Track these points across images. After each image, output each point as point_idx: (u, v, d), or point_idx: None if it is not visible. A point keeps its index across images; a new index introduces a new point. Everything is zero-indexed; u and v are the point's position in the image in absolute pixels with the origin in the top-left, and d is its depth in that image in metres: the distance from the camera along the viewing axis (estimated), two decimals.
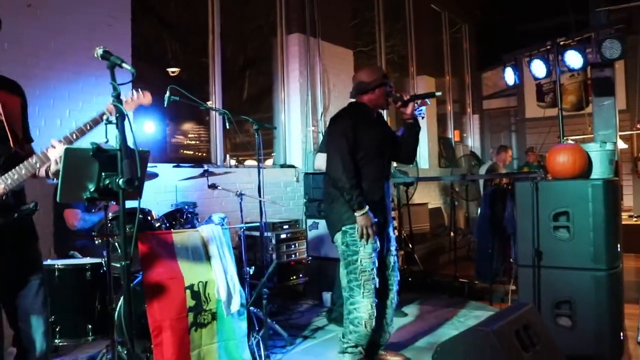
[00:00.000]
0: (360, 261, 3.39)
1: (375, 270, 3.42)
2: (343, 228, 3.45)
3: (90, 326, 3.23)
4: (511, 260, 5.56)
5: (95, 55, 2.07)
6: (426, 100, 3.78)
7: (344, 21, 7.99)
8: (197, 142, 6.76)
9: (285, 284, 5.48)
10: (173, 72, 6.51)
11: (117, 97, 1.87)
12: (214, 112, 6.00)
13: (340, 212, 3.45)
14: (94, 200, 1.93)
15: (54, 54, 4.34)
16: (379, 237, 3.47)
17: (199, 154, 6.62)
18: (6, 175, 2.24)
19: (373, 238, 3.35)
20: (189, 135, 6.87)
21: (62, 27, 4.43)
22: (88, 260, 3.43)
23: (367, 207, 3.33)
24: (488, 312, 4.75)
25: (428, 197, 9.41)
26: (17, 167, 2.25)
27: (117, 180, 1.81)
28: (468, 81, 12.32)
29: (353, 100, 3.68)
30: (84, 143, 2.20)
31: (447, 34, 11.47)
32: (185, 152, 6.80)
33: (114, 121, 1.92)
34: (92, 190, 1.89)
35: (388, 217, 3.64)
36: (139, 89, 2.59)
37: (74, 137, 2.29)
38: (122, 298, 3.28)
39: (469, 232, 9.07)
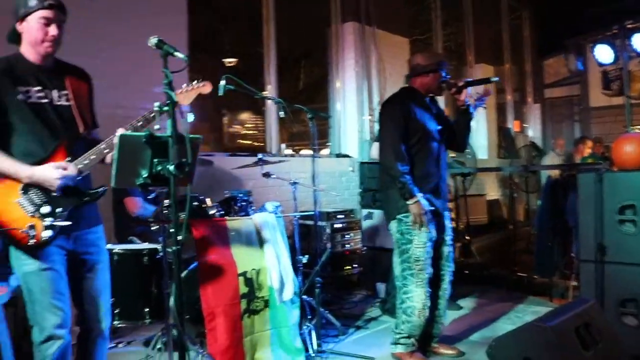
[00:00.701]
0: (414, 250, 3.34)
1: (429, 259, 3.36)
2: (398, 216, 3.41)
3: (147, 309, 3.34)
4: (572, 254, 5.35)
5: (150, 44, 2.09)
6: (489, 89, 3.70)
7: (400, 9, 7.88)
8: (255, 131, 6.82)
9: (340, 273, 5.47)
10: (230, 63, 6.59)
11: (169, 84, 1.89)
12: (269, 101, 6.04)
13: (396, 200, 3.40)
14: (147, 186, 1.97)
15: (112, 45, 4.46)
16: (434, 225, 3.41)
17: (256, 143, 6.67)
18: (77, 160, 2.33)
19: (427, 226, 3.29)
20: (246, 125, 6.94)
21: (121, 19, 4.55)
22: (145, 245, 3.52)
23: (419, 195, 3.27)
24: (547, 308, 4.58)
25: (486, 188, 9.20)
26: (87, 153, 2.34)
27: (167, 166, 1.84)
28: (528, 69, 11.92)
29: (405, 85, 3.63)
30: None
31: (506, 20, 11.11)
32: (242, 141, 6.88)
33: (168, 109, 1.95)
34: (144, 176, 1.93)
35: (445, 205, 3.56)
36: (199, 79, 2.62)
37: (139, 125, 2.36)
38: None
39: (528, 224, 8.80)
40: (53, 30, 2.33)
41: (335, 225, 5.49)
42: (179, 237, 3.45)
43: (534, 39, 11.97)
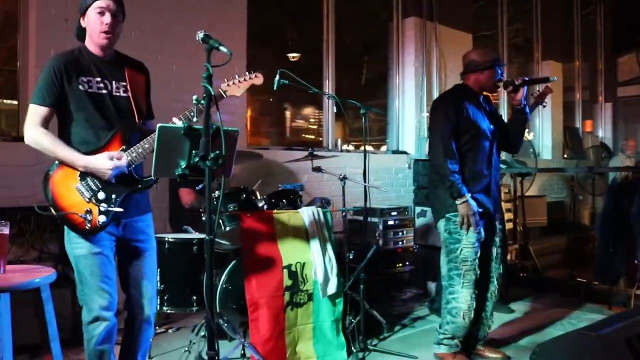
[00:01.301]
0: (462, 250, 3.29)
1: (476, 260, 3.30)
2: (446, 215, 3.37)
3: (194, 297, 3.44)
4: (635, 261, 5.10)
5: (197, 39, 2.17)
6: (549, 86, 3.60)
7: (463, 4, 7.71)
8: (318, 126, 6.86)
9: (391, 270, 5.42)
10: (293, 58, 6.65)
11: (208, 78, 1.94)
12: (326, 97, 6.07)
13: (444, 199, 3.35)
14: (186, 177, 2.03)
15: (174, 41, 4.60)
16: (483, 227, 3.34)
17: (320, 138, 6.71)
18: (132, 149, 2.43)
19: (475, 228, 3.22)
20: (310, 120, 6.99)
21: (182, 16, 4.70)
22: (195, 235, 3.62)
23: (468, 195, 3.21)
24: (604, 316, 4.40)
25: (549, 189, 8.90)
26: (141, 142, 2.43)
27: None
28: (601, 66, 11.36)
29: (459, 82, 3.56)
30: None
31: (578, 15, 10.63)
32: (306, 136, 6.93)
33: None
34: (183, 167, 1.99)
35: (496, 206, 3.48)
36: (252, 70, 2.67)
37: (192, 115, 2.44)
38: (224, 272, 3.45)
39: (592, 228, 8.45)
40: (107, 18, 2.43)
41: (389, 222, 5.44)
42: (228, 228, 3.54)
43: (609, 35, 11.40)
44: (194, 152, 1.97)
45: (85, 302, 2.44)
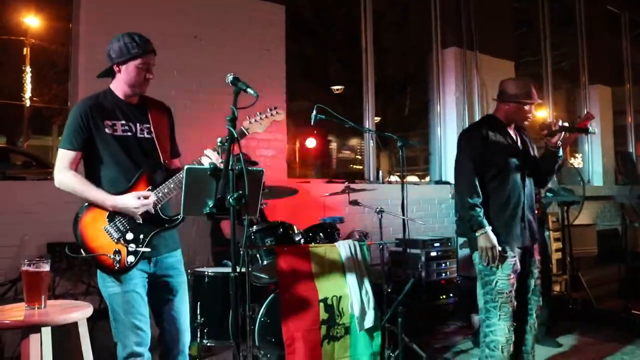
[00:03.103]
0: (497, 282, 3.23)
1: (513, 292, 3.23)
2: None
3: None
4: None
5: (227, 81, 2.26)
6: (589, 112, 3.55)
7: (504, 32, 7.67)
8: (363, 157, 6.92)
9: (434, 302, 5.36)
10: (337, 90, 6.75)
11: (232, 121, 2.02)
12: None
13: None
14: (213, 215, 2.09)
15: (216, 80, 4.71)
16: (520, 259, 3.28)
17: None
18: (158, 188, 2.52)
19: (494, 262, 3.17)
20: (357, 150, 7.05)
21: (223, 55, 4.87)
22: None
23: (487, 228, 3.17)
24: None
25: (601, 216, 8.61)
26: (166, 182, 2.53)
27: (228, 197, 1.96)
28: None
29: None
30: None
31: (627, 36, 10.37)
32: (355, 167, 6.99)
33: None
34: (211, 205, 2.06)
35: (532, 237, 3.41)
36: (274, 107, 2.72)
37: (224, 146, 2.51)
38: (263, 306, 3.50)
39: None
40: (149, 74, 2.58)
41: (431, 254, 5.39)
42: (265, 262, 3.60)
43: None
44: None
45: (119, 339, 2.50)
